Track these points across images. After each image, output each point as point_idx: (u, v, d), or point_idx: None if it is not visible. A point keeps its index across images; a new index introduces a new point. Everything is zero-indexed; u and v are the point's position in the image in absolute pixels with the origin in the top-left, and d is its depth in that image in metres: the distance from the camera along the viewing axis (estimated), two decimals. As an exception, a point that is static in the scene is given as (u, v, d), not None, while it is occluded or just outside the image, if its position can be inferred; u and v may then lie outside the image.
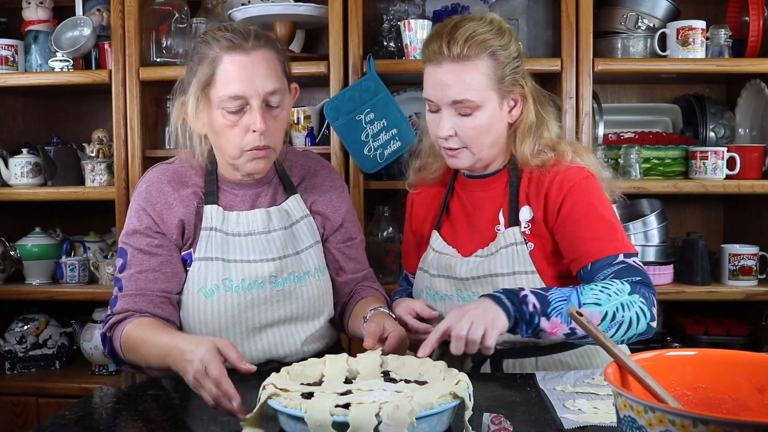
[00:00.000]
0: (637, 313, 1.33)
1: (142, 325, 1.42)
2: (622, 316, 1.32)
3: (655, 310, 1.36)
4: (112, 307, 1.48)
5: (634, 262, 1.40)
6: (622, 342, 1.37)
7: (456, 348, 1.27)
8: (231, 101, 1.41)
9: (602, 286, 1.33)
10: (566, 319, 1.31)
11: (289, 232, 1.56)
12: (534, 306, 1.30)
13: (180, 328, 1.51)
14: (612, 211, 1.48)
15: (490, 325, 1.27)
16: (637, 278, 1.37)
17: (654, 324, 1.36)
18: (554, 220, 1.47)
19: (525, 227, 1.50)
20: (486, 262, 1.50)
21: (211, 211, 1.52)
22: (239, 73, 1.41)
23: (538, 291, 1.33)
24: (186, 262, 1.52)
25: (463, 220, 1.58)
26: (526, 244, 1.49)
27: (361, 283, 1.67)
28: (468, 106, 1.44)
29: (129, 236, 1.51)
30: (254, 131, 1.42)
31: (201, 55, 1.44)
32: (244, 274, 1.49)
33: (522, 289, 1.33)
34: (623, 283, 1.34)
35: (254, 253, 1.51)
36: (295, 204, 1.59)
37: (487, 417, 1.08)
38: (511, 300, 1.30)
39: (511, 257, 1.48)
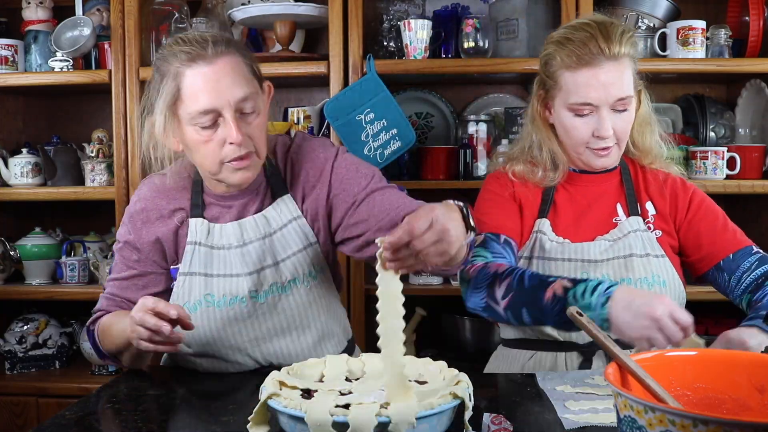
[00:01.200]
0: None
1: (116, 313, 1.49)
2: None
3: None
4: (99, 305, 1.57)
5: (761, 251, 1.55)
6: None
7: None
8: (201, 116, 1.34)
9: None
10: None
11: (268, 242, 1.47)
12: None
13: None
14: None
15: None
16: None
17: None
18: (684, 217, 1.59)
19: (651, 220, 1.58)
20: (618, 243, 1.54)
21: (195, 225, 1.47)
22: (205, 86, 1.33)
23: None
24: (174, 277, 1.51)
25: (573, 213, 1.60)
26: (652, 232, 1.57)
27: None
28: (626, 102, 1.50)
29: (117, 244, 1.56)
30: (231, 143, 1.35)
31: (161, 72, 1.36)
32: (224, 289, 1.46)
33: None
34: None
35: (232, 266, 1.46)
36: (281, 208, 1.49)
37: (487, 417, 1.08)
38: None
39: (642, 241, 1.55)
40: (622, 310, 1.24)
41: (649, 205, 1.60)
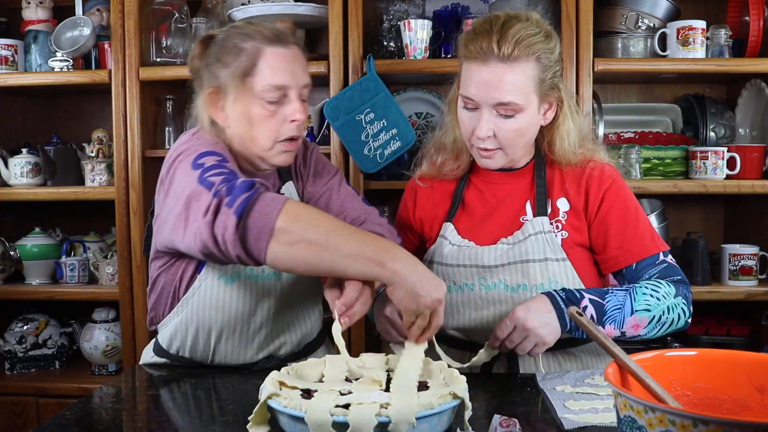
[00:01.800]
0: (679, 313, 1.44)
1: (316, 209, 1.28)
2: (667, 318, 1.43)
3: (691, 307, 1.47)
4: (233, 180, 1.23)
5: (671, 260, 1.49)
6: (660, 336, 1.47)
7: (490, 346, 1.38)
8: (273, 91, 1.42)
9: (652, 290, 1.42)
10: (618, 326, 1.40)
11: None
12: (591, 316, 1.38)
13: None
14: (642, 208, 1.55)
15: (540, 342, 1.35)
16: (678, 277, 1.48)
17: (690, 320, 1.47)
18: (594, 213, 1.51)
19: (562, 216, 1.52)
20: (515, 248, 1.49)
21: None
22: (282, 65, 1.43)
23: (596, 299, 1.39)
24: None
25: (481, 212, 1.57)
26: (557, 233, 1.50)
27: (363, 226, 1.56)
28: (511, 109, 1.42)
29: (202, 147, 1.39)
30: (292, 121, 1.44)
31: (237, 47, 1.43)
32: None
33: (582, 296, 1.38)
34: (669, 286, 1.44)
35: None
36: (288, 191, 1.59)
37: (497, 419, 1.08)
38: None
39: (542, 244, 1.48)
40: None
41: (561, 202, 1.52)
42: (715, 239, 2.54)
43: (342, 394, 1.08)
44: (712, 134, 2.42)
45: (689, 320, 1.47)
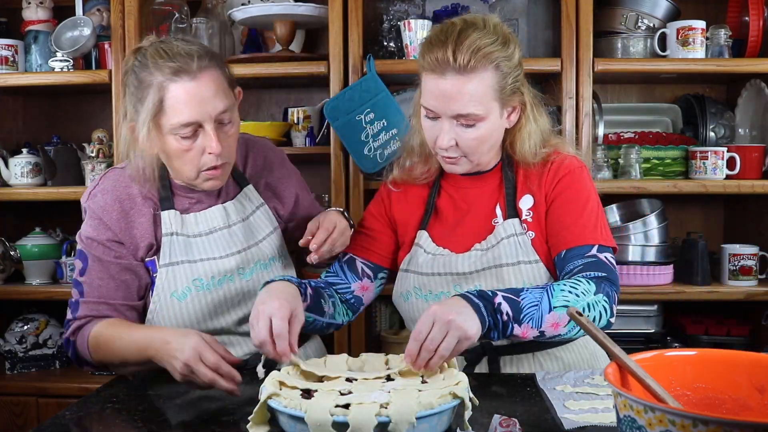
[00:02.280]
0: (600, 312, 1.35)
1: (112, 324, 1.45)
2: (587, 316, 1.30)
3: (615, 308, 1.38)
4: (74, 312, 1.49)
5: (605, 257, 1.42)
6: (581, 336, 1.45)
7: (420, 360, 1.18)
8: (183, 128, 1.40)
9: (571, 287, 1.33)
10: (536, 324, 1.30)
11: (247, 224, 1.58)
12: (507, 314, 1.27)
13: None
14: (599, 203, 1.50)
15: (463, 337, 1.19)
16: (602, 274, 1.39)
17: (613, 320, 1.39)
18: (548, 202, 1.49)
19: (527, 215, 1.49)
20: (488, 253, 1.48)
21: (168, 217, 1.51)
22: (189, 100, 1.39)
23: (510, 296, 1.30)
24: (149, 270, 1.52)
25: (454, 218, 1.55)
26: (527, 234, 1.48)
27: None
28: (471, 119, 1.41)
29: (87, 243, 1.50)
30: (210, 153, 1.42)
31: (143, 81, 1.41)
32: (212, 270, 1.51)
33: (495, 294, 1.29)
34: (589, 283, 1.35)
35: (218, 249, 1.53)
36: (248, 195, 1.61)
37: (496, 419, 1.08)
38: (487, 308, 1.25)
39: (514, 247, 1.47)
40: None
41: (525, 200, 1.50)
42: (715, 239, 2.54)
43: (342, 394, 1.08)
44: (712, 134, 2.42)
45: (612, 320, 1.38)
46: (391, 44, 2.44)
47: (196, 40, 1.52)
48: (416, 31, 2.26)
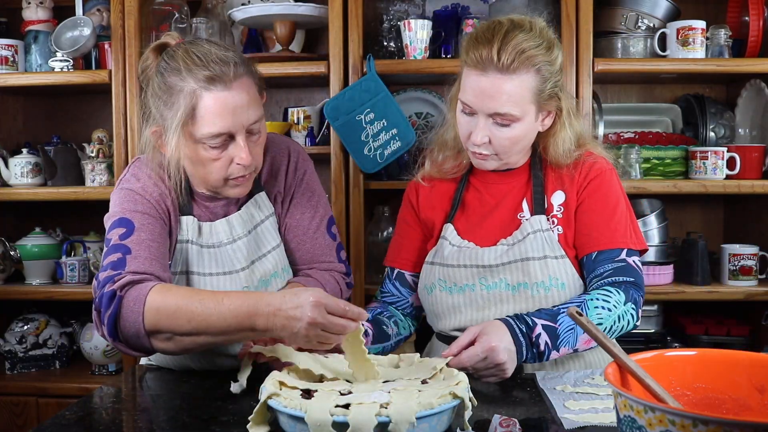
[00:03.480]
0: (628, 320, 1.44)
1: (177, 289, 1.28)
2: (617, 326, 1.43)
3: (641, 312, 1.48)
4: (119, 267, 1.30)
5: (633, 261, 1.48)
6: None
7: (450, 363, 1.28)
8: (215, 138, 1.34)
9: (603, 301, 1.41)
10: (572, 346, 1.40)
11: (253, 236, 1.51)
12: (546, 344, 1.36)
13: None
14: (628, 204, 1.55)
15: (501, 377, 1.34)
16: (630, 279, 1.46)
17: (638, 323, 1.49)
18: (578, 202, 1.52)
19: (557, 210, 1.52)
20: (515, 247, 1.50)
21: (187, 223, 1.46)
22: (223, 111, 1.33)
23: (549, 323, 1.37)
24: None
25: (480, 213, 1.58)
26: (553, 230, 1.51)
27: (305, 271, 1.57)
28: (507, 119, 1.43)
29: (130, 213, 1.39)
30: (239, 164, 1.37)
31: (172, 86, 1.34)
32: (219, 287, 1.45)
33: (535, 324, 1.36)
34: (619, 293, 1.43)
35: (226, 264, 1.47)
36: (258, 203, 1.53)
37: (497, 419, 1.08)
38: (527, 345, 1.36)
39: (540, 242, 1.49)
40: None
41: (556, 196, 1.53)
42: (714, 239, 2.54)
43: (342, 394, 1.08)
44: (712, 134, 2.42)
45: (637, 323, 1.48)
46: (391, 44, 2.44)
47: (227, 45, 1.44)
48: (416, 31, 2.26)
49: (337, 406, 1.01)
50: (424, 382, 1.16)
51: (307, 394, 1.09)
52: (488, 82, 1.40)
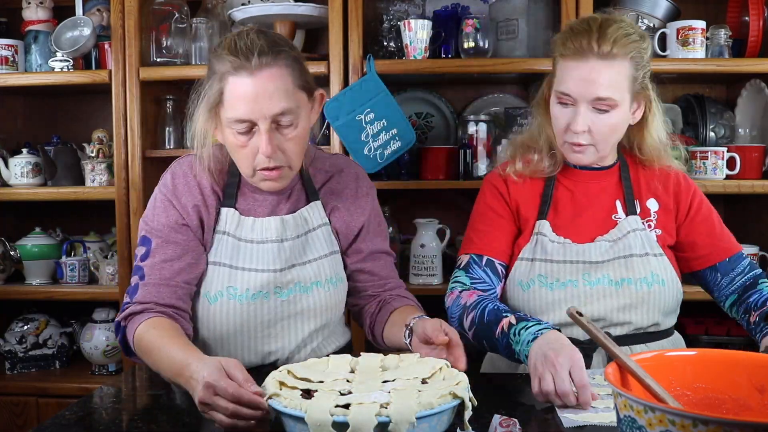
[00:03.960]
0: None
1: (157, 328, 1.37)
2: None
3: None
4: (132, 295, 1.44)
5: (749, 255, 1.62)
6: None
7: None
8: (238, 123, 1.38)
9: None
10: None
11: (303, 240, 1.52)
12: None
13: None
14: None
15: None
16: (761, 272, 1.61)
17: None
18: (685, 215, 1.61)
19: (653, 216, 1.60)
20: (619, 244, 1.55)
21: (227, 215, 1.49)
22: (244, 97, 1.36)
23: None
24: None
25: (572, 211, 1.61)
26: (651, 231, 1.58)
27: (391, 292, 1.61)
28: (608, 104, 1.47)
29: (154, 226, 1.47)
30: (262, 154, 1.39)
31: (212, 69, 1.41)
32: (248, 283, 1.47)
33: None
34: None
35: (263, 262, 1.48)
36: (314, 211, 1.55)
37: (497, 418, 1.08)
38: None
39: (641, 240, 1.56)
40: (538, 349, 1.29)
41: (651, 203, 1.62)
42: (715, 239, 2.53)
43: (342, 394, 1.08)
44: (712, 134, 2.42)
45: None
46: (391, 44, 2.44)
47: (278, 35, 1.47)
48: (416, 31, 2.26)
49: (337, 406, 1.01)
50: (424, 382, 1.16)
51: (307, 394, 1.09)
52: (589, 68, 1.46)
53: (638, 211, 1.60)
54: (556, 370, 1.21)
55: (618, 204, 1.61)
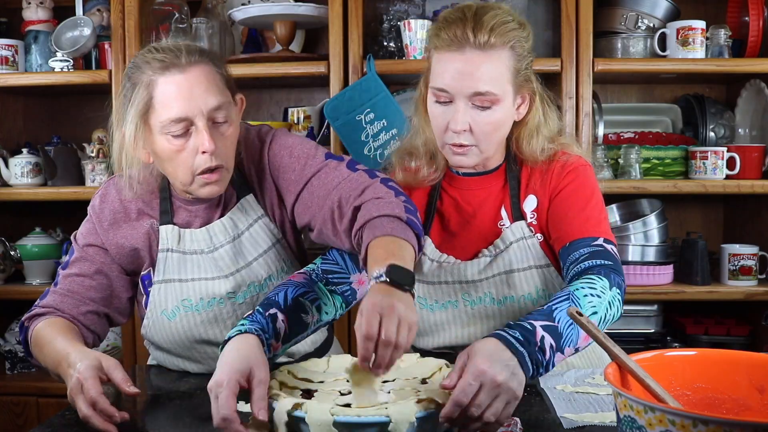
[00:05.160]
0: (617, 307, 1.29)
1: (52, 324, 1.40)
2: (609, 314, 1.27)
3: (624, 296, 1.32)
4: (41, 298, 1.47)
5: (611, 249, 1.35)
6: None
7: (444, 418, 1.03)
8: (174, 124, 1.32)
9: (590, 288, 1.24)
10: (573, 344, 1.18)
11: (237, 244, 1.47)
12: (551, 347, 1.14)
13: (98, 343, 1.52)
14: (602, 200, 1.45)
15: (512, 398, 1.06)
16: (609, 263, 1.32)
17: (622, 311, 1.32)
18: (551, 197, 1.44)
19: (531, 217, 1.44)
20: (498, 260, 1.43)
21: (166, 232, 1.46)
22: (178, 93, 1.31)
23: (548, 323, 1.15)
24: (145, 284, 1.50)
25: (457, 223, 1.49)
26: (535, 236, 1.43)
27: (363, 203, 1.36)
28: (488, 99, 1.35)
29: (78, 241, 1.50)
30: (204, 152, 1.33)
31: (133, 81, 1.34)
32: (201, 292, 1.46)
33: (534, 327, 1.13)
34: (601, 278, 1.27)
35: (207, 270, 1.47)
36: (244, 208, 1.48)
37: None
38: (531, 354, 1.10)
39: (524, 251, 1.42)
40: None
41: (529, 201, 1.45)
42: (714, 239, 2.54)
43: (342, 394, 1.08)
44: (712, 134, 2.43)
45: (622, 311, 1.31)
46: (391, 44, 2.44)
47: (192, 42, 1.46)
48: (416, 31, 2.26)
49: (337, 406, 1.01)
50: (423, 382, 1.16)
51: (308, 394, 1.09)
52: (465, 60, 1.33)
53: (523, 214, 1.45)
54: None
55: (503, 210, 1.46)
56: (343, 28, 2.27)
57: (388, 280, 1.13)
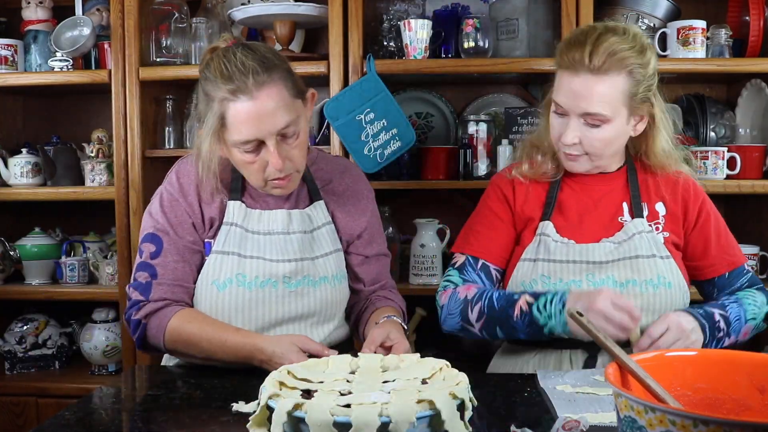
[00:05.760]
0: (763, 319, 1.57)
1: (194, 319, 1.47)
2: (760, 325, 1.56)
3: None
4: (146, 293, 1.49)
5: (752, 268, 1.64)
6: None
7: (637, 347, 1.38)
8: (245, 145, 1.42)
9: (753, 300, 1.54)
10: (737, 335, 1.50)
11: (309, 237, 1.58)
12: (723, 330, 1.47)
13: None
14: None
15: (690, 345, 1.40)
16: (760, 285, 1.61)
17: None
18: (693, 223, 1.60)
19: (661, 221, 1.58)
20: (624, 245, 1.54)
21: (234, 207, 1.54)
22: (248, 120, 1.39)
23: (724, 314, 1.48)
24: (205, 250, 1.55)
25: (578, 213, 1.60)
26: (659, 234, 1.57)
27: (378, 293, 1.68)
28: (598, 119, 1.46)
29: (163, 224, 1.52)
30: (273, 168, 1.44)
31: (208, 94, 1.43)
32: (258, 271, 1.51)
33: (713, 312, 1.47)
34: (761, 294, 1.57)
35: (271, 252, 1.53)
36: (318, 210, 1.60)
37: (560, 420, 1.08)
38: (710, 329, 1.44)
39: (647, 242, 1.54)
40: (579, 307, 1.34)
41: (659, 206, 1.60)
42: (715, 239, 2.53)
43: (342, 394, 1.08)
44: (712, 134, 2.42)
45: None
46: (391, 44, 2.44)
47: (262, 47, 1.47)
48: (416, 31, 2.26)
49: (337, 406, 1.00)
50: (424, 382, 1.16)
51: (308, 394, 1.08)
52: (580, 82, 1.45)
53: (645, 214, 1.58)
54: (606, 315, 1.33)
55: (624, 206, 1.59)
56: (343, 28, 2.27)
57: None
